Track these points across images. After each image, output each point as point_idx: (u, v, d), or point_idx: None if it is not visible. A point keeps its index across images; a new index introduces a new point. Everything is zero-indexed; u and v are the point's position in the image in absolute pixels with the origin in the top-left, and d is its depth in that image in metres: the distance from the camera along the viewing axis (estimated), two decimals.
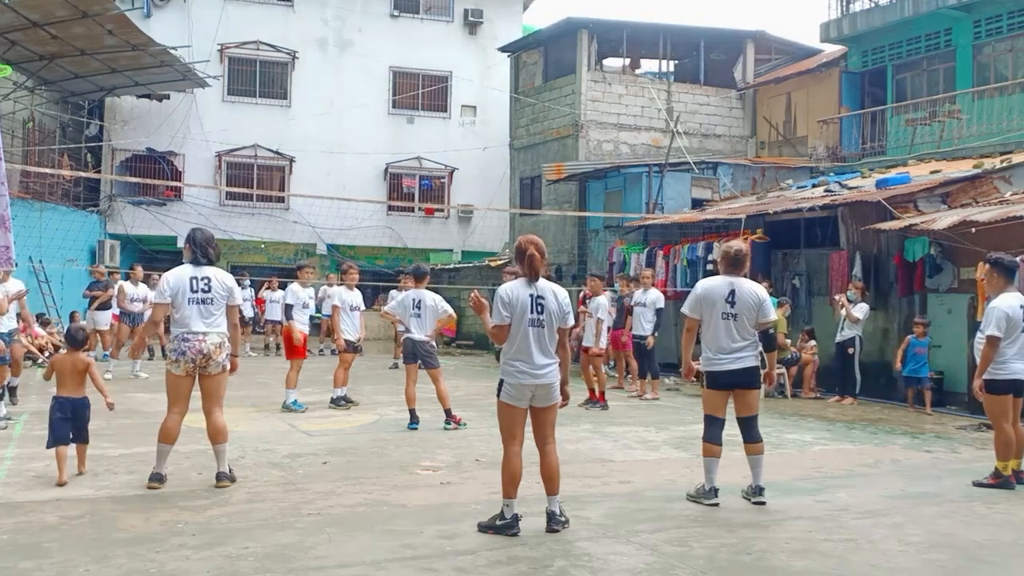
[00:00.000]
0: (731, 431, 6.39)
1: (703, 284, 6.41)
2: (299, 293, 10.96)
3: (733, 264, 6.37)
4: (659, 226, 17.31)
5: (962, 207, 12.52)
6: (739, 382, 6.24)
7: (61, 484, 6.30)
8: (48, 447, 6.55)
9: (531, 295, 5.39)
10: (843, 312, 12.30)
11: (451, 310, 10.02)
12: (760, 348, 6.39)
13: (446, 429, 9.24)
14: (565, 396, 5.54)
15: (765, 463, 6.32)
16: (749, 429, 6.30)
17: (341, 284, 11.10)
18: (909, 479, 7.26)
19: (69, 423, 6.58)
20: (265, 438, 8.51)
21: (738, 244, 6.53)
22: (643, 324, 12.44)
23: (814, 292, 14.71)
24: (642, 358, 12.69)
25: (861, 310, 12.23)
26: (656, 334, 12.43)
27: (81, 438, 6.71)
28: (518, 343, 5.37)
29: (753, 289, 6.34)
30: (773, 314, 6.44)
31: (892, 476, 7.39)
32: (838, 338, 12.48)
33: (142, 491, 6.25)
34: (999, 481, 6.86)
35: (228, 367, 6.48)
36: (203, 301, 6.40)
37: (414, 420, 9.31)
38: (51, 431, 6.54)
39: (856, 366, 12.40)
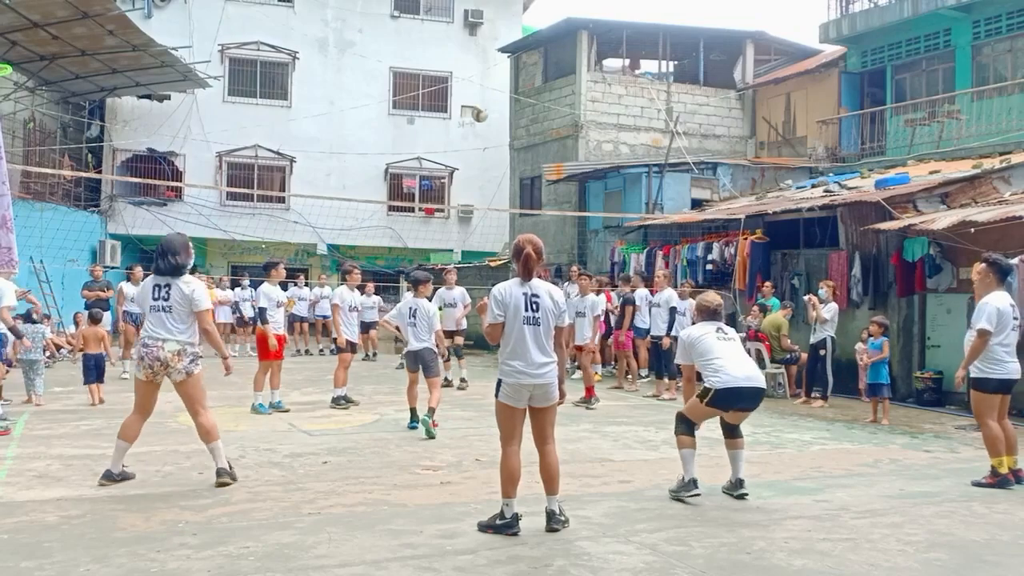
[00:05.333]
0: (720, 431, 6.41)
1: (688, 332, 6.67)
2: (271, 294, 10.45)
3: (712, 317, 6.65)
4: (659, 226, 17.33)
5: (961, 207, 12.53)
6: (748, 406, 6.40)
7: (97, 403, 10.44)
8: (84, 383, 10.77)
9: (525, 293, 5.40)
10: (814, 312, 12.11)
11: (438, 325, 9.65)
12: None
13: (411, 426, 9.15)
14: (562, 394, 5.55)
15: (765, 463, 6.34)
16: (735, 429, 6.50)
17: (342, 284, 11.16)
18: (908, 479, 7.27)
19: (94, 370, 10.78)
20: (266, 438, 8.53)
21: (716, 298, 6.76)
22: (659, 324, 12.46)
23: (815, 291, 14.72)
24: (659, 358, 12.69)
25: (830, 310, 12.02)
26: (672, 334, 12.38)
27: (100, 379, 10.89)
28: (514, 342, 5.38)
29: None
30: None
31: (891, 476, 7.40)
32: (812, 339, 12.29)
33: (143, 491, 6.26)
34: (997, 480, 6.88)
35: (193, 373, 6.37)
36: (163, 309, 6.39)
37: (414, 419, 9.21)
38: (85, 374, 10.84)
39: (828, 367, 12.10)
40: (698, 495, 6.17)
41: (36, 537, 5.09)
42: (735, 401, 6.26)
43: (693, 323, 6.92)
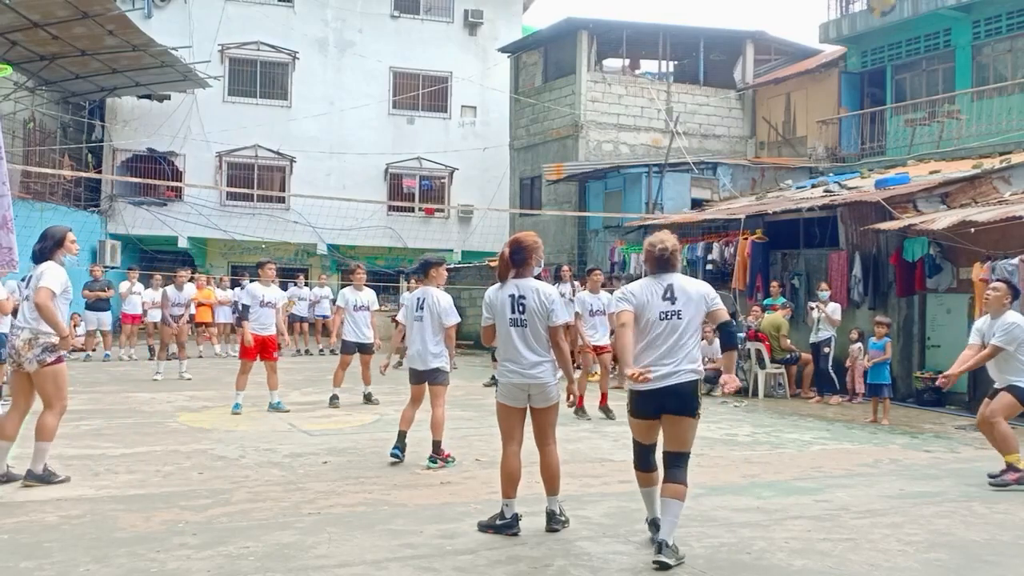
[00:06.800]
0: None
1: (632, 285, 5.12)
2: (255, 292, 10.30)
3: (659, 265, 5.05)
4: (659, 226, 17.31)
5: (961, 207, 12.52)
6: (670, 405, 4.87)
7: None
8: None
9: (511, 295, 5.38)
10: (816, 315, 12.39)
11: (455, 318, 7.43)
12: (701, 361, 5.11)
13: (429, 467, 7.22)
14: (572, 393, 5.53)
15: (765, 463, 6.30)
16: (674, 467, 4.93)
17: (348, 285, 11.15)
18: (908, 479, 7.26)
19: None
20: (266, 438, 8.53)
21: (665, 240, 5.05)
22: None
23: (814, 292, 14.72)
24: None
25: (837, 311, 12.29)
26: None
27: None
28: (503, 343, 5.42)
29: (694, 284, 5.06)
30: (722, 304, 5.12)
31: (891, 476, 7.39)
32: (813, 339, 12.51)
33: (143, 491, 6.26)
34: (1019, 476, 6.86)
35: (46, 362, 6.14)
36: (26, 298, 6.35)
37: (399, 446, 7.38)
38: None
39: (830, 367, 12.42)
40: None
41: (36, 537, 5.08)
42: (650, 399, 4.89)
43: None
